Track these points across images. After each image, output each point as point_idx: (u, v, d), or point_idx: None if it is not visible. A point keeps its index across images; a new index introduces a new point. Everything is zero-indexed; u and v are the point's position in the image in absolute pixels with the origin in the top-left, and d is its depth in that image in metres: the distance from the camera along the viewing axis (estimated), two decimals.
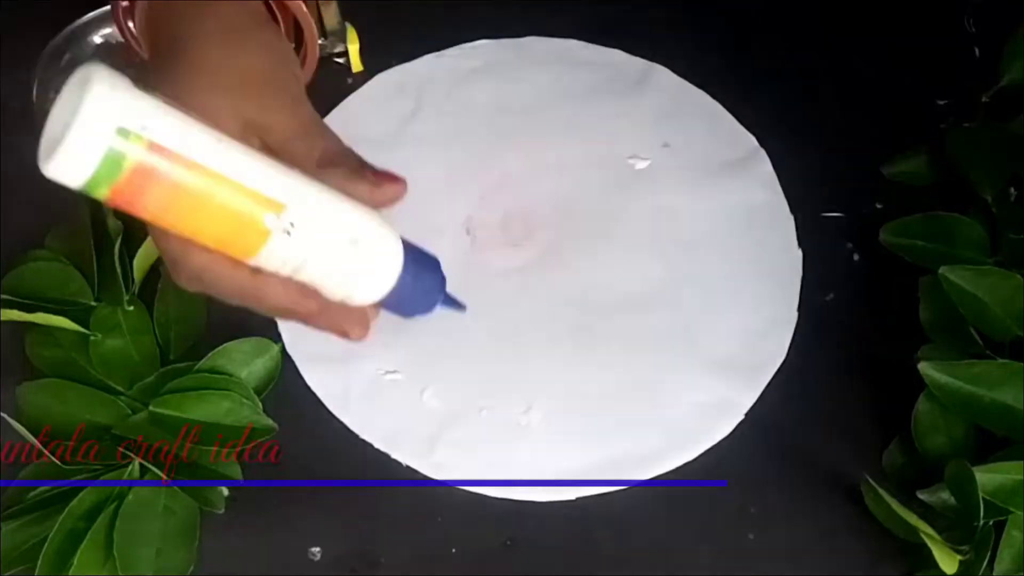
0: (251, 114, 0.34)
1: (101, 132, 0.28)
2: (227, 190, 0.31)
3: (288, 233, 0.32)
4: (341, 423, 0.48)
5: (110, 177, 0.29)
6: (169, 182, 0.30)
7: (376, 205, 0.35)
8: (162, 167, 0.29)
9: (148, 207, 0.30)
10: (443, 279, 0.38)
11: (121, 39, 0.59)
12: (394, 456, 0.47)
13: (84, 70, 0.29)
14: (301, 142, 0.35)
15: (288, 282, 0.34)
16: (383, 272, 0.35)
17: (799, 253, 0.53)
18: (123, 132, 0.28)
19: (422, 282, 0.36)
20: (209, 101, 0.33)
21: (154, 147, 0.29)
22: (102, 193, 0.29)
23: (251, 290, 0.34)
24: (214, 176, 0.30)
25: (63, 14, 0.58)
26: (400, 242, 0.35)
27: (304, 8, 0.44)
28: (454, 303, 0.38)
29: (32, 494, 0.45)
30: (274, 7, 0.44)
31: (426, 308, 0.37)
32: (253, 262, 0.33)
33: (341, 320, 0.36)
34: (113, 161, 0.29)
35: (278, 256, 0.32)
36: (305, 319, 0.35)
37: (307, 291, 0.34)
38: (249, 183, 0.31)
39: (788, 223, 0.54)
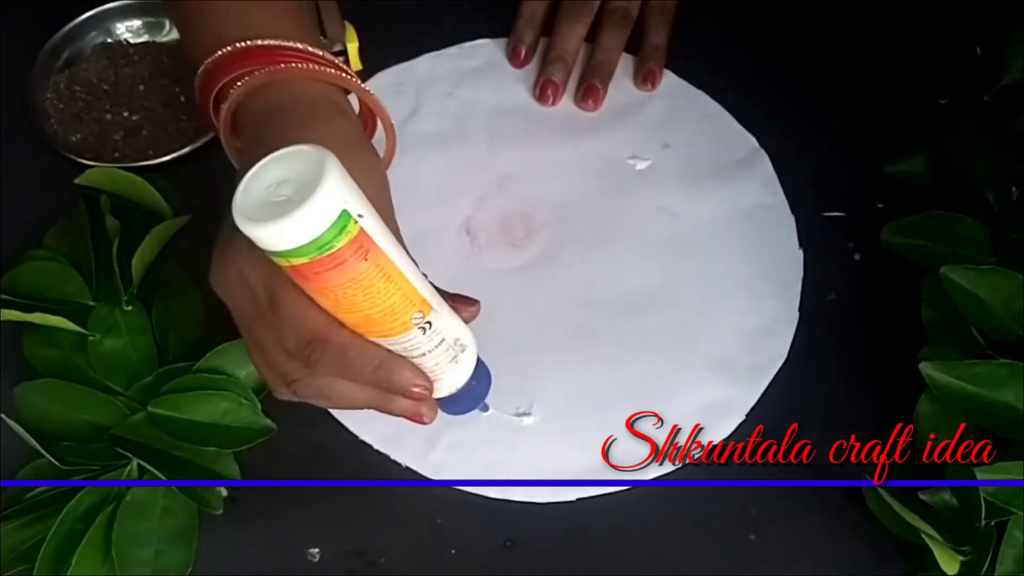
0: None
1: (334, 208, 0.31)
2: (398, 285, 0.34)
3: (424, 331, 0.36)
4: (340, 424, 0.48)
5: (321, 250, 0.31)
6: (362, 266, 0.33)
7: None
8: (362, 252, 0.32)
9: (330, 283, 0.33)
10: (489, 386, 0.42)
11: (119, 39, 0.59)
12: (393, 457, 0.47)
13: (311, 149, 0.32)
14: None
15: (415, 365, 0.37)
16: (464, 374, 0.40)
17: (800, 253, 0.53)
18: (347, 214, 0.31)
19: (479, 386, 0.41)
20: None
21: (363, 233, 0.32)
22: (299, 261, 0.32)
23: (388, 364, 0.37)
24: (394, 270, 0.34)
25: (61, 12, 0.58)
26: (476, 351, 0.40)
27: (390, 118, 0.46)
28: (484, 404, 0.43)
29: (30, 494, 0.45)
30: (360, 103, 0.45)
31: (466, 410, 0.42)
32: (384, 343, 0.36)
33: (425, 405, 0.39)
34: (333, 236, 0.31)
35: (403, 347, 0.37)
36: (416, 399, 0.38)
37: (428, 376, 0.38)
38: (414, 282, 0.35)
39: (789, 223, 0.54)
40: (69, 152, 0.54)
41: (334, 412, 0.48)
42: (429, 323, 0.36)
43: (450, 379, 0.39)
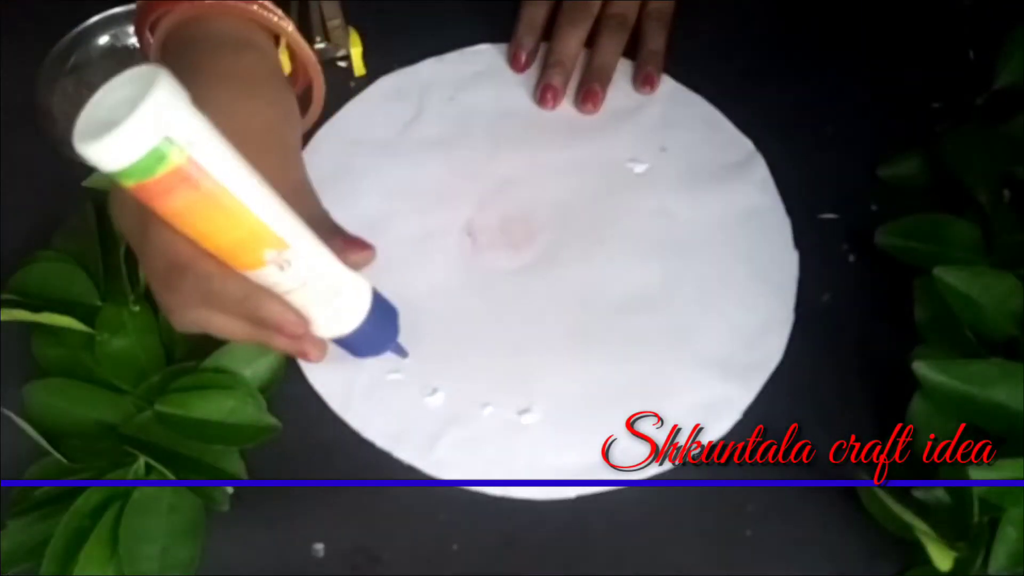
0: None
1: (151, 132, 0.30)
2: (242, 218, 0.34)
3: (281, 268, 0.36)
4: (344, 422, 0.49)
5: (143, 174, 0.31)
6: (193, 195, 0.32)
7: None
8: (191, 181, 0.32)
9: (167, 206, 0.33)
10: (396, 331, 0.42)
11: (127, 43, 0.60)
12: (396, 455, 0.48)
13: (150, 70, 0.31)
14: (286, 201, 0.36)
15: (284, 301, 0.37)
16: (349, 317, 0.40)
17: (795, 254, 0.53)
18: (169, 140, 0.31)
19: (378, 331, 0.41)
20: None
21: (191, 162, 0.31)
22: (128, 183, 0.31)
23: (254, 296, 0.36)
24: (234, 203, 0.33)
25: (69, 15, 0.59)
26: (370, 295, 0.40)
27: (314, 59, 0.46)
28: (400, 350, 0.43)
29: (37, 492, 0.45)
30: (289, 52, 0.46)
31: (375, 353, 0.42)
32: (248, 276, 0.36)
33: (307, 342, 0.39)
34: (152, 161, 0.31)
35: (264, 283, 0.36)
36: (290, 335, 0.38)
37: (299, 312, 0.37)
38: (263, 217, 0.34)
39: (784, 225, 0.54)
40: (76, 155, 0.55)
41: (337, 411, 0.49)
42: (288, 261, 0.36)
43: (331, 322, 0.39)
